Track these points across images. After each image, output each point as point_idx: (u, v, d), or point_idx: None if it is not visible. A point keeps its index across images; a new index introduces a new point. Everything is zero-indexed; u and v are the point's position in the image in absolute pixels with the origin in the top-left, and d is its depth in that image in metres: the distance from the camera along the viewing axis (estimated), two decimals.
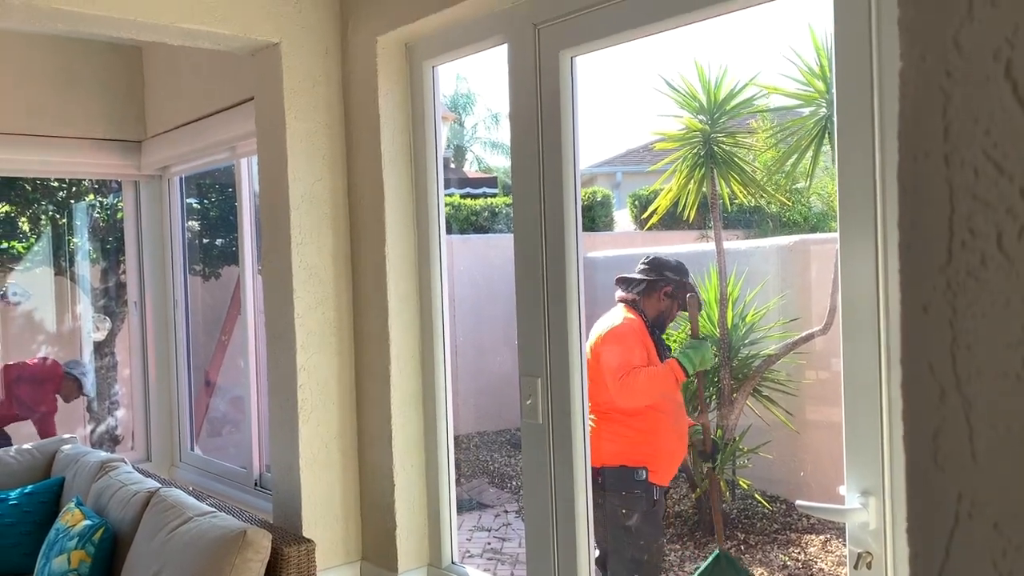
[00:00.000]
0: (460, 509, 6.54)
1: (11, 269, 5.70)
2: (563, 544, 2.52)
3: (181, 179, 4.56)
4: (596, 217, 9.81)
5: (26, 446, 3.88)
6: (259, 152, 3.11)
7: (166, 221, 4.57)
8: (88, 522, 2.94)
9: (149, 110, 4.42)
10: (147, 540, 2.81)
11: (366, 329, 3.05)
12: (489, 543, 5.84)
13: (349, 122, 3.07)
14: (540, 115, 2.50)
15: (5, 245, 5.58)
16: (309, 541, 2.77)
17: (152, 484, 3.15)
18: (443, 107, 3.18)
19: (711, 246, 5.52)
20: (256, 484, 3.89)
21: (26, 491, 3.55)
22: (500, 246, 8.30)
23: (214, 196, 5.23)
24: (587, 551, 2.51)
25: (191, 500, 2.93)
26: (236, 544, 2.56)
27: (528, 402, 2.61)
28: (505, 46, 2.61)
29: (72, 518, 3.00)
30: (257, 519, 2.99)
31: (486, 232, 9.67)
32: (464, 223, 9.47)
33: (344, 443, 3.08)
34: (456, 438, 3.20)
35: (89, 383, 5.33)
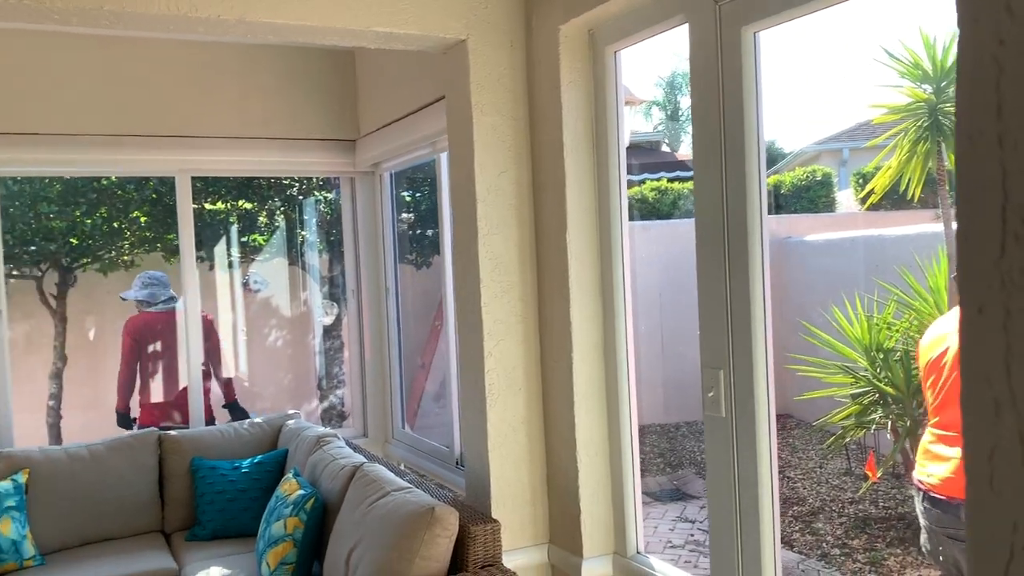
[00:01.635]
0: (665, 499, 6.47)
1: (252, 260, 6.35)
2: (747, 539, 2.43)
3: (391, 174, 4.85)
4: (815, 198, 9.25)
5: (257, 419, 4.32)
6: (449, 146, 3.24)
7: (378, 214, 4.88)
8: (302, 492, 3.23)
9: (361, 110, 4.74)
10: (350, 511, 3.03)
11: (550, 317, 3.09)
12: (692, 534, 5.72)
13: (533, 113, 3.11)
14: (722, 94, 2.40)
15: (246, 238, 6.23)
16: (495, 521, 2.86)
17: (358, 459, 3.39)
18: (627, 91, 3.15)
19: (939, 227, 5.03)
20: (457, 463, 4.07)
21: (255, 461, 3.96)
22: (684, 232, 8.10)
23: (425, 189, 5.52)
24: (772, 548, 2.40)
25: (390, 475, 3.12)
26: (425, 520, 2.70)
27: (710, 395, 2.53)
28: (686, 26, 2.53)
29: (289, 487, 3.30)
30: (449, 497, 3.13)
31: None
32: (671, 207, 9.29)
33: (530, 428, 3.15)
34: (644, 427, 3.16)
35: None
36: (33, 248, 5.87)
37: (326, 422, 6.07)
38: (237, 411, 5.35)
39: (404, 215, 5.37)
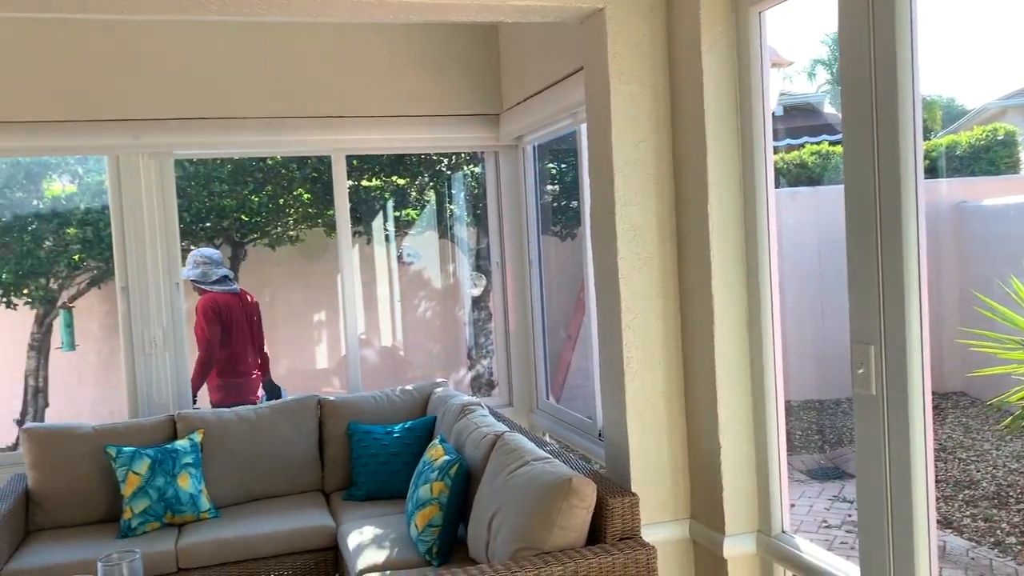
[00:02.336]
0: (821, 477, 6.22)
1: (406, 233, 6.58)
2: (898, 522, 2.30)
3: (534, 147, 4.87)
4: (996, 159, 8.50)
5: (408, 387, 4.50)
6: (587, 117, 3.21)
7: (521, 187, 4.92)
8: (447, 457, 3.34)
9: (504, 84, 4.78)
10: (491, 479, 3.11)
11: (690, 289, 3.02)
12: (850, 515, 5.48)
13: (673, 80, 3.03)
14: (873, 48, 2.23)
15: (399, 213, 6.45)
16: (633, 494, 2.85)
17: (500, 428, 3.46)
18: (774, 53, 3.00)
19: None
20: (600, 435, 4.07)
21: (406, 426, 4.13)
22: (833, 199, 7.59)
23: (570, 160, 5.51)
24: (926, 532, 2.26)
25: (530, 445, 3.17)
26: (563, 490, 2.73)
27: (860, 371, 2.40)
28: None
29: (435, 453, 3.42)
30: (588, 469, 3.15)
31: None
32: (833, 172, 8.80)
33: (671, 402, 3.10)
34: (801, 403, 3.04)
35: None
36: (207, 225, 6.33)
37: (475, 391, 6.23)
38: (272, 388, 5.32)
39: (548, 187, 5.38)
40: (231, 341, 5.01)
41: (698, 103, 2.87)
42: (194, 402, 4.73)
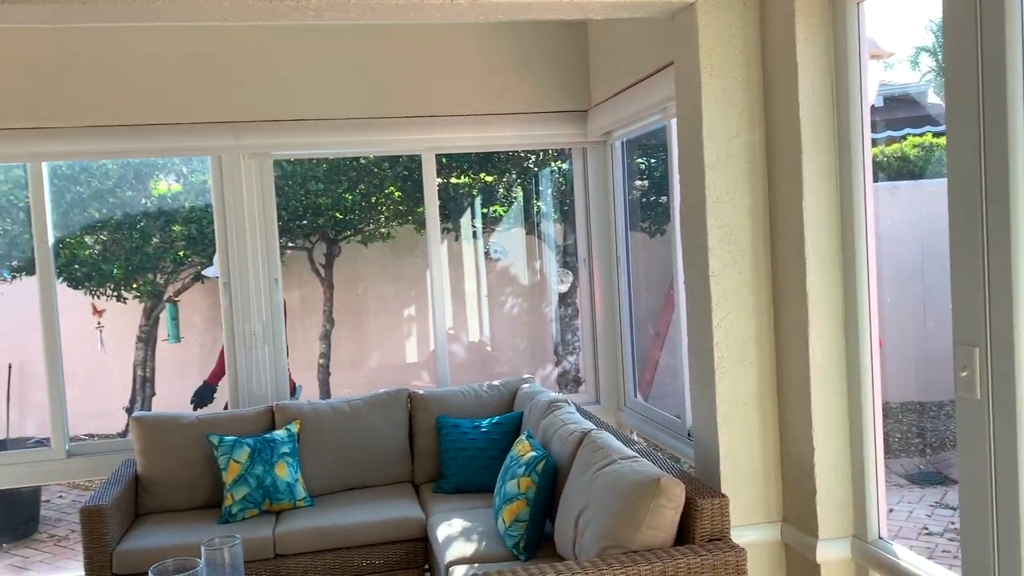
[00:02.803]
0: (923, 482, 5.99)
1: (493, 230, 6.64)
2: (1004, 531, 2.20)
3: (623, 143, 4.84)
4: None
5: (495, 382, 4.55)
6: (677, 112, 3.18)
7: (609, 183, 4.90)
8: (534, 453, 3.36)
9: (593, 80, 4.76)
10: (578, 476, 3.12)
11: (784, 287, 2.96)
12: (953, 522, 5.26)
13: (767, 75, 2.97)
14: (979, 34, 2.14)
15: (487, 210, 6.51)
16: (723, 496, 2.81)
17: (587, 425, 3.46)
18: (873, 44, 2.90)
19: None
20: (689, 434, 4.03)
21: (494, 421, 4.18)
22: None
23: (660, 156, 5.45)
24: None
25: (617, 443, 3.17)
26: (650, 490, 2.72)
27: (963, 374, 2.30)
28: None
29: (522, 448, 3.45)
30: (677, 469, 3.12)
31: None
32: (936, 165, 8.43)
33: (763, 403, 3.05)
34: (902, 405, 2.95)
35: None
36: (304, 222, 6.53)
37: (562, 387, 6.24)
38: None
39: (637, 183, 5.34)
40: None
41: (793, 97, 2.80)
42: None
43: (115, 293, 6.48)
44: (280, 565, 3.71)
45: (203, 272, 5.86)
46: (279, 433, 4.09)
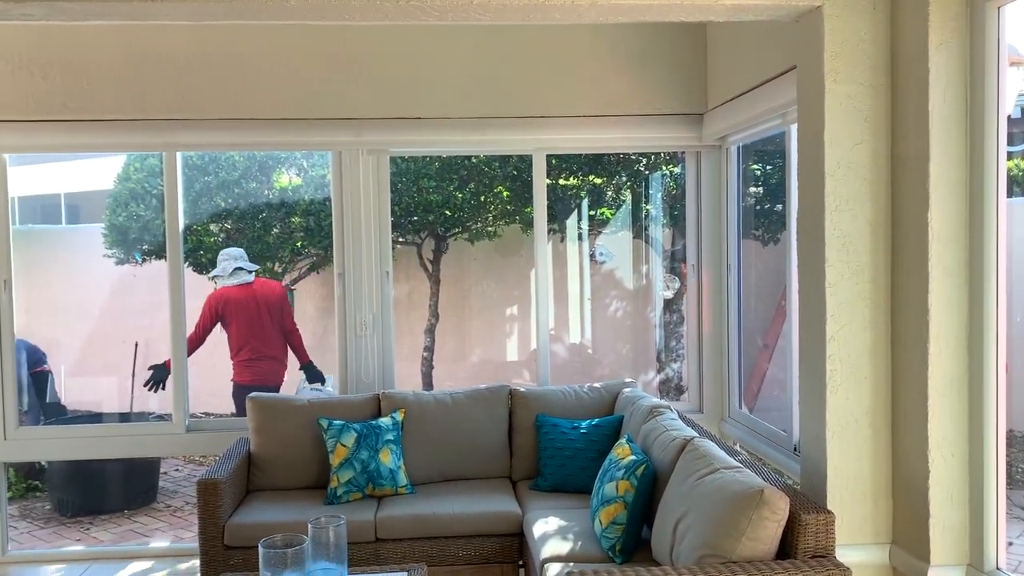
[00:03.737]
0: None
1: (599, 232, 6.63)
2: None
3: (738, 148, 4.76)
4: None
5: (596, 384, 4.54)
6: (798, 118, 3.11)
7: (722, 189, 4.82)
8: (634, 457, 3.35)
9: (710, 83, 4.70)
10: (678, 483, 3.08)
11: (904, 302, 2.85)
12: None
13: (895, 80, 2.87)
14: None
15: (594, 212, 6.51)
16: (829, 512, 2.73)
17: (689, 433, 3.42)
18: (1013, 51, 2.76)
19: None
20: (795, 449, 3.92)
21: (593, 423, 4.18)
22: None
23: (776, 162, 5.33)
24: None
25: (720, 453, 3.12)
26: (753, 501, 2.67)
27: None
28: None
29: (622, 452, 3.44)
30: (781, 482, 3.05)
31: None
32: None
33: (876, 419, 2.95)
34: (1012, 433, 2.80)
35: None
36: (415, 219, 6.68)
37: (663, 394, 6.18)
38: (312, 371, 5.72)
39: (751, 189, 5.23)
40: (232, 328, 5.63)
41: (923, 104, 2.70)
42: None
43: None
44: (380, 548, 3.82)
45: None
46: (384, 420, 4.21)
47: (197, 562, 4.51)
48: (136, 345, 6.65)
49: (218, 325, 5.66)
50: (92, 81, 4.48)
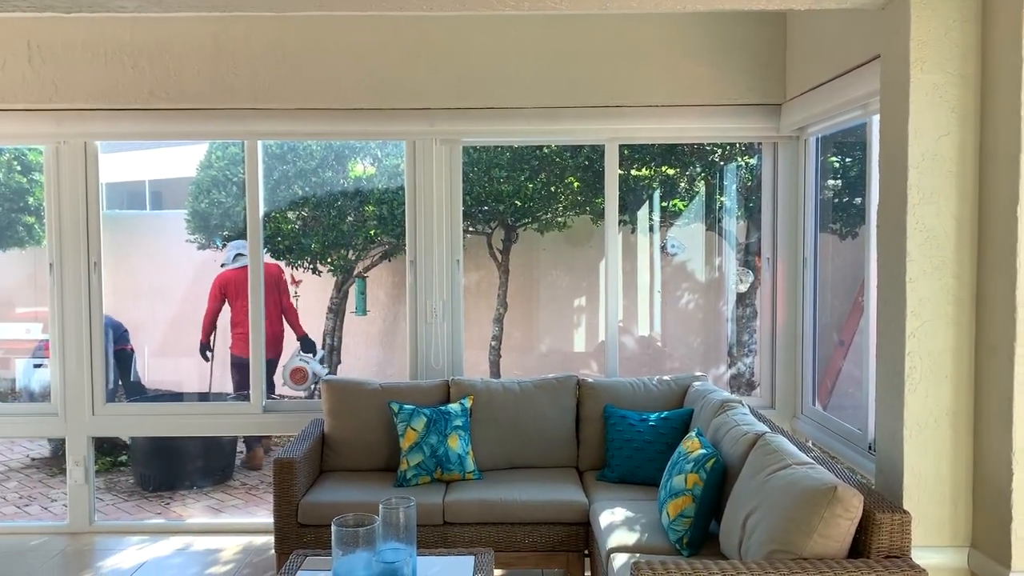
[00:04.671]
0: None
1: (671, 224, 6.56)
2: None
3: (817, 139, 4.65)
4: None
5: (666, 377, 4.51)
6: (881, 108, 3.02)
7: (800, 181, 4.73)
8: (703, 451, 3.32)
9: (789, 72, 4.60)
10: (749, 477, 3.05)
11: (989, 299, 2.76)
12: None
13: (986, 70, 2.77)
14: None
15: (666, 203, 6.44)
16: (904, 512, 2.67)
17: (761, 428, 3.38)
18: None
19: None
20: (870, 447, 3.84)
21: (662, 416, 4.15)
22: None
23: (855, 154, 5.19)
24: None
25: (792, 448, 3.07)
26: (826, 498, 2.62)
27: None
28: None
29: (692, 445, 3.42)
30: (855, 480, 2.99)
31: None
32: None
33: (956, 419, 2.86)
34: None
35: None
36: (485, 208, 6.72)
37: (733, 389, 6.09)
38: (307, 342, 6.51)
39: (830, 182, 5.11)
40: (236, 305, 6.28)
41: (1015, 94, 2.60)
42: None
43: (311, 266, 6.96)
44: (448, 532, 3.88)
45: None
46: (453, 406, 4.27)
47: (271, 538, 4.67)
48: (215, 328, 6.87)
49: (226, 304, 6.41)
50: (179, 71, 4.64)
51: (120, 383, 6.70)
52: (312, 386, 6.53)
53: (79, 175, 4.77)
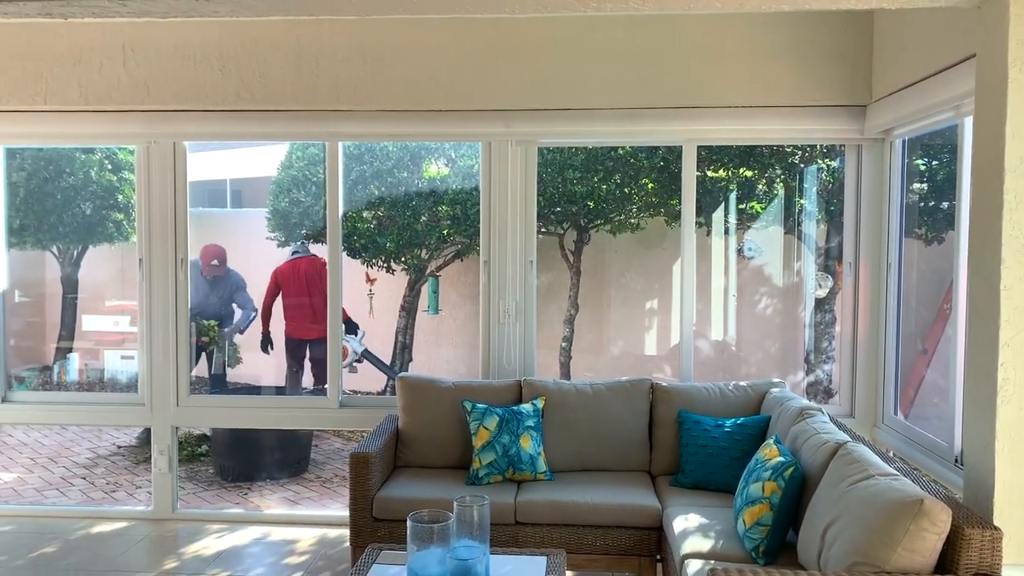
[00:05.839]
0: None
1: (748, 227, 6.45)
2: None
3: (903, 141, 4.51)
4: None
5: (742, 383, 4.44)
6: (976, 110, 2.92)
7: (885, 184, 4.59)
8: (782, 459, 3.26)
9: (875, 73, 4.48)
10: (829, 487, 2.98)
11: None
12: None
13: None
14: None
15: (744, 205, 6.34)
16: (995, 528, 2.57)
17: (842, 436, 3.30)
18: None
19: None
20: (956, 460, 3.71)
21: (738, 422, 4.09)
22: None
23: (943, 157, 5.02)
24: None
25: (875, 459, 2.99)
26: (912, 511, 2.55)
27: None
28: None
29: (769, 452, 3.35)
30: (942, 494, 2.89)
31: None
32: None
33: None
34: None
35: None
36: (558, 209, 6.72)
37: (810, 396, 5.96)
38: (349, 325, 6.75)
39: (915, 185, 4.95)
40: (288, 292, 6.88)
41: None
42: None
43: (385, 264, 7.07)
44: (519, 532, 3.89)
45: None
46: (525, 407, 4.28)
47: (345, 531, 4.76)
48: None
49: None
50: (264, 73, 4.77)
51: (207, 377, 7.02)
52: (353, 363, 7.07)
53: (168, 174, 4.95)
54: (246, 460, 6.25)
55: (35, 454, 6.97)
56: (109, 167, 7.32)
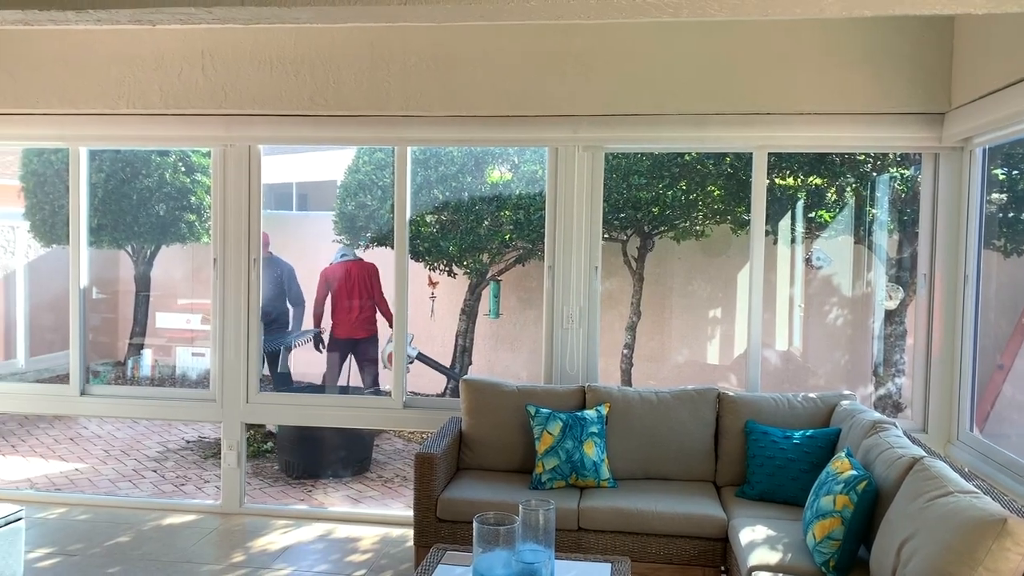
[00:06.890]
0: None
1: (817, 236, 6.33)
2: None
3: (984, 150, 4.39)
4: None
5: (811, 395, 4.36)
6: None
7: (963, 194, 4.47)
8: (854, 472, 3.19)
9: (955, 80, 4.36)
10: (905, 503, 2.91)
11: None
12: None
13: None
14: None
15: (812, 214, 6.23)
16: None
17: (917, 451, 3.21)
18: None
19: None
20: None
21: (807, 434, 4.01)
22: None
23: None
24: None
25: (954, 475, 2.91)
26: (994, 530, 2.47)
27: None
28: None
29: (841, 466, 3.29)
30: None
31: None
32: None
33: None
34: None
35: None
36: (622, 215, 6.70)
37: (879, 410, 5.82)
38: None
39: (994, 195, 4.81)
40: (335, 294, 6.98)
41: None
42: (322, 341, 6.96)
43: (447, 268, 7.13)
44: (582, 538, 3.89)
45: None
46: (589, 413, 4.27)
47: (407, 531, 4.81)
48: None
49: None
50: (337, 79, 4.86)
51: (271, 375, 7.14)
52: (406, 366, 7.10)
53: (243, 176, 5.08)
54: (311, 457, 6.36)
55: (109, 446, 7.20)
56: (183, 169, 7.55)
